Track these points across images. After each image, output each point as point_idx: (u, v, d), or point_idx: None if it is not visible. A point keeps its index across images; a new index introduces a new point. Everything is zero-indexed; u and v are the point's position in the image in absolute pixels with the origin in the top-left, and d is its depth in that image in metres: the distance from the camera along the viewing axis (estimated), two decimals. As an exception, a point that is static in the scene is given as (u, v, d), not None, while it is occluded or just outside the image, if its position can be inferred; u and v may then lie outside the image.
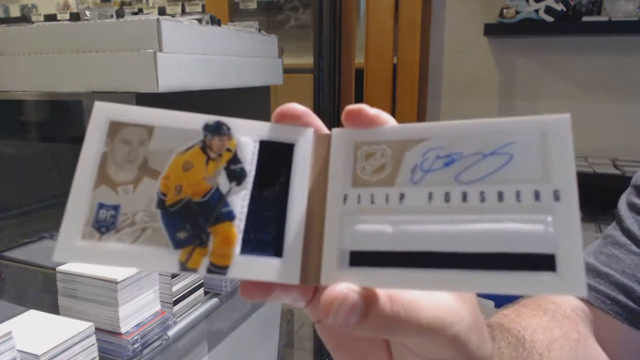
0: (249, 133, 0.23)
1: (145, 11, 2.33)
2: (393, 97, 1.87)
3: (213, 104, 1.00)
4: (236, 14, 2.13)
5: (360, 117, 0.22)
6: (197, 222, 0.21)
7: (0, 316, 0.59)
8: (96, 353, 0.59)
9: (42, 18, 2.52)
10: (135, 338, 0.63)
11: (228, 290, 0.82)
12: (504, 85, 1.83)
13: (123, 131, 0.22)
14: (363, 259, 0.20)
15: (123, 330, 0.63)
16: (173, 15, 1.33)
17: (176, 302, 0.71)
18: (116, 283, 0.61)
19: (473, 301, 0.24)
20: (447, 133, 0.21)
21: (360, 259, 0.21)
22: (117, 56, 0.75)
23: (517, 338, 0.36)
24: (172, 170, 0.22)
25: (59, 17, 2.46)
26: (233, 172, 0.22)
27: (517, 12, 1.67)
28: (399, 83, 1.85)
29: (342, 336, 0.26)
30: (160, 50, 0.73)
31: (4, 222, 0.98)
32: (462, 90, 1.89)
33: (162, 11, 2.36)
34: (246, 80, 0.99)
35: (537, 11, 1.65)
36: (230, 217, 0.22)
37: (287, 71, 1.16)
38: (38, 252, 0.86)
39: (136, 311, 0.65)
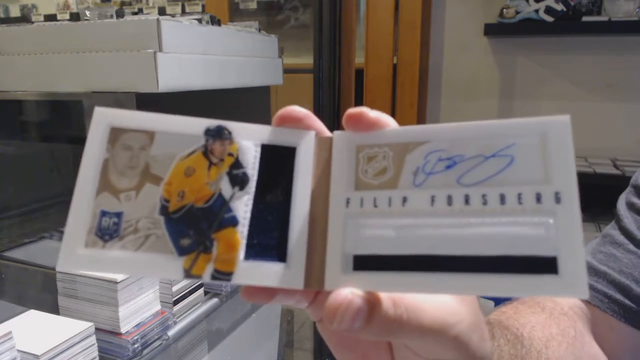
0: (250, 137, 0.23)
1: (145, 11, 2.33)
2: (393, 97, 1.87)
3: (213, 104, 1.00)
4: (236, 14, 2.13)
5: (361, 121, 0.22)
6: (201, 228, 0.21)
7: (0, 316, 0.59)
8: (96, 353, 0.59)
9: (42, 18, 2.52)
10: (135, 338, 0.63)
11: (228, 290, 0.82)
12: (504, 85, 1.83)
13: (124, 137, 0.22)
14: (367, 263, 0.21)
15: (123, 330, 0.63)
16: (173, 15, 1.33)
17: (176, 302, 0.71)
18: (116, 283, 0.61)
19: (473, 301, 0.24)
20: (448, 135, 0.21)
21: (363, 263, 0.21)
22: (117, 56, 0.75)
23: (516, 335, 0.36)
24: (175, 176, 0.22)
25: (59, 17, 2.46)
26: (235, 177, 0.22)
27: (517, 12, 1.67)
28: (399, 83, 1.85)
29: (344, 336, 0.26)
30: (160, 50, 0.73)
31: (4, 222, 0.98)
32: (462, 90, 1.89)
33: (162, 11, 2.37)
34: (246, 80, 0.99)
35: (537, 11, 1.65)
36: (233, 223, 0.21)
37: (287, 71, 1.16)
38: (38, 252, 0.86)
39: (136, 311, 0.65)
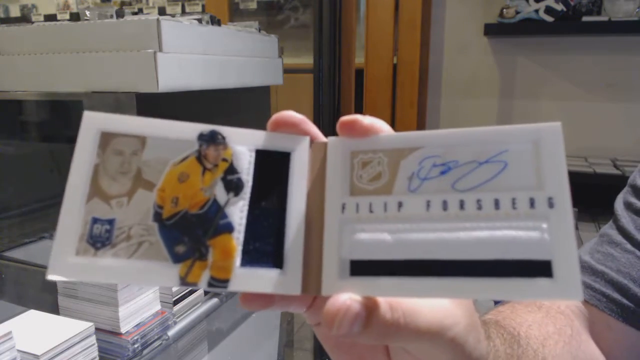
0: (245, 142, 0.22)
1: (145, 11, 2.33)
2: (393, 97, 1.87)
3: (213, 104, 1.00)
4: (236, 14, 2.13)
5: (354, 128, 0.22)
6: (196, 235, 0.21)
7: (0, 316, 0.59)
8: (96, 353, 0.59)
9: (42, 18, 2.52)
10: (135, 338, 0.63)
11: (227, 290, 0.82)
12: (504, 85, 1.83)
13: (115, 142, 0.21)
14: (363, 268, 0.21)
15: (123, 330, 0.63)
16: (173, 15, 1.33)
17: (176, 302, 0.71)
18: (116, 283, 0.61)
19: (469, 302, 0.24)
20: (442, 141, 0.21)
21: (360, 268, 0.21)
22: (117, 56, 0.75)
23: (512, 335, 0.36)
24: (168, 181, 0.21)
25: (59, 17, 2.46)
26: (230, 183, 0.22)
27: (517, 12, 1.67)
28: (399, 83, 1.85)
29: (341, 339, 0.26)
30: (160, 50, 0.73)
31: (4, 222, 0.98)
32: (462, 90, 1.89)
33: (162, 11, 2.37)
34: (246, 80, 0.99)
35: (537, 11, 1.65)
36: (229, 229, 0.21)
37: (287, 71, 1.16)
38: (38, 252, 0.86)
39: (136, 311, 0.65)
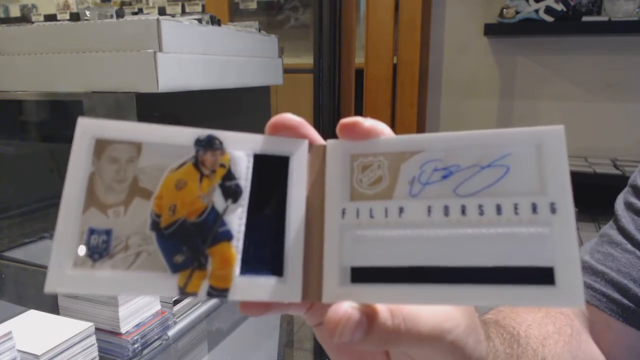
0: (242, 147, 0.22)
1: (145, 11, 2.33)
2: (393, 97, 1.87)
3: (213, 104, 1.00)
4: (236, 14, 2.13)
5: (355, 130, 0.22)
6: (194, 244, 0.20)
7: (0, 316, 0.59)
8: (96, 353, 0.59)
9: (42, 18, 2.52)
10: (135, 338, 0.63)
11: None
12: (504, 85, 1.83)
13: (110, 149, 0.21)
14: (364, 275, 0.20)
15: (123, 330, 0.63)
16: (173, 15, 1.33)
17: (176, 302, 0.71)
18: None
19: None
20: (443, 145, 0.21)
21: (361, 275, 0.20)
22: (117, 56, 0.75)
23: (512, 335, 0.36)
24: (165, 189, 0.21)
25: (59, 17, 2.46)
26: (228, 189, 0.21)
27: (517, 12, 1.67)
28: (399, 83, 1.85)
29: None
30: (160, 50, 0.73)
31: (4, 222, 0.98)
32: (462, 90, 1.89)
33: (162, 11, 2.37)
34: (246, 80, 0.98)
35: (537, 11, 1.65)
36: (228, 237, 0.21)
37: (287, 71, 1.16)
38: (38, 252, 0.86)
39: (136, 311, 0.65)
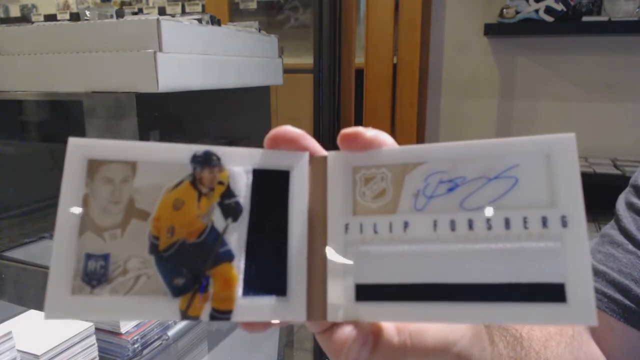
0: (241, 162, 0.21)
1: (145, 11, 2.33)
2: (393, 97, 1.87)
3: (213, 104, 1.00)
4: (236, 14, 2.13)
5: (356, 141, 0.21)
6: (195, 266, 0.20)
7: (0, 316, 0.59)
8: (96, 353, 0.59)
9: (42, 18, 2.52)
10: (135, 338, 0.63)
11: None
12: (504, 85, 1.83)
13: (103, 169, 0.20)
14: (369, 293, 0.20)
15: (123, 330, 0.63)
16: (173, 15, 1.33)
17: (176, 302, 0.71)
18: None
19: None
20: (448, 155, 0.20)
21: (366, 293, 0.20)
22: (117, 56, 0.75)
23: (515, 337, 0.36)
24: (162, 209, 0.20)
25: (59, 17, 2.46)
26: (228, 208, 0.21)
27: (517, 12, 1.67)
28: (399, 83, 1.85)
29: None
30: (160, 50, 0.73)
31: (4, 222, 0.98)
32: (462, 90, 1.89)
33: (162, 11, 2.37)
34: (246, 80, 0.98)
35: (537, 11, 1.65)
36: (229, 258, 0.20)
37: (287, 71, 1.16)
38: (38, 252, 0.86)
39: (136, 311, 0.65)
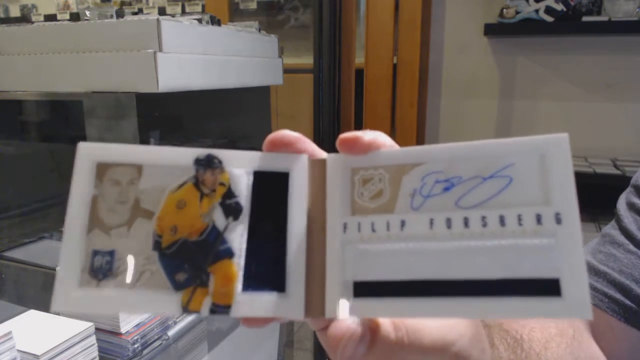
0: (242, 164, 0.22)
1: (145, 11, 2.33)
2: (393, 97, 1.87)
3: (213, 104, 1.00)
4: (236, 14, 2.13)
5: (355, 146, 0.22)
6: (196, 262, 0.21)
7: (0, 316, 0.59)
8: (96, 353, 0.59)
9: (42, 18, 2.52)
10: (135, 338, 0.63)
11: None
12: (504, 85, 1.83)
13: (111, 172, 0.21)
14: (367, 290, 0.20)
15: (123, 330, 0.63)
16: (173, 15, 1.33)
17: (176, 302, 0.71)
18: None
19: None
20: (444, 156, 0.21)
21: (364, 290, 0.20)
22: (117, 56, 0.75)
23: (515, 339, 0.36)
24: (166, 209, 0.21)
25: (59, 17, 2.46)
26: (229, 207, 0.22)
27: (517, 12, 1.67)
28: (399, 83, 1.85)
29: None
30: (160, 50, 0.73)
31: (4, 222, 0.98)
32: (462, 90, 1.89)
33: (162, 11, 2.36)
34: (246, 80, 0.99)
35: (537, 11, 1.65)
36: (229, 255, 0.21)
37: (287, 71, 1.16)
38: (38, 252, 0.86)
39: (136, 311, 0.64)
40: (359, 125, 1.90)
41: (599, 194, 1.24)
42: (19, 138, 1.04)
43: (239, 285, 0.21)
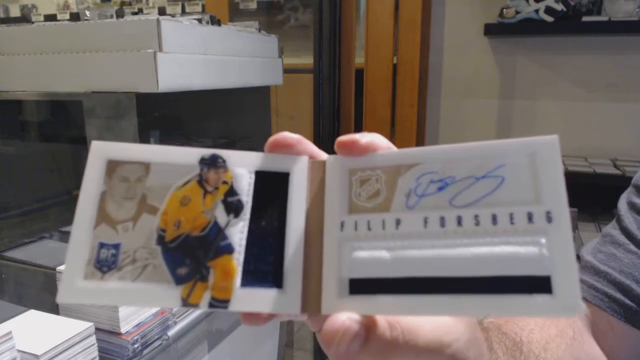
0: (244, 164, 0.23)
1: (145, 11, 2.32)
2: (393, 97, 1.87)
3: (213, 104, 1.00)
4: (236, 14, 2.13)
5: (353, 148, 0.22)
6: (197, 257, 0.21)
7: (0, 316, 0.59)
8: (96, 353, 0.59)
9: (42, 18, 2.52)
10: (135, 338, 0.63)
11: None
12: (504, 85, 1.83)
13: (120, 169, 0.22)
14: (362, 287, 0.21)
15: (123, 330, 0.63)
16: (173, 15, 1.33)
17: (176, 302, 0.71)
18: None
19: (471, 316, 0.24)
20: (439, 157, 0.21)
21: (359, 287, 0.21)
22: (117, 56, 0.75)
23: (514, 342, 0.36)
24: (171, 205, 0.22)
25: (59, 17, 2.46)
26: (230, 205, 0.22)
27: (517, 12, 1.67)
28: (399, 83, 1.85)
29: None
30: (160, 50, 0.73)
31: (4, 222, 0.98)
32: (462, 90, 1.89)
33: (162, 11, 2.36)
34: (246, 80, 0.98)
35: (537, 11, 1.65)
36: (229, 250, 0.22)
37: (287, 71, 1.16)
38: (38, 252, 0.86)
39: (136, 311, 0.65)
40: (359, 125, 1.90)
41: (599, 194, 1.24)
42: (19, 138, 1.04)
43: (238, 280, 0.21)
